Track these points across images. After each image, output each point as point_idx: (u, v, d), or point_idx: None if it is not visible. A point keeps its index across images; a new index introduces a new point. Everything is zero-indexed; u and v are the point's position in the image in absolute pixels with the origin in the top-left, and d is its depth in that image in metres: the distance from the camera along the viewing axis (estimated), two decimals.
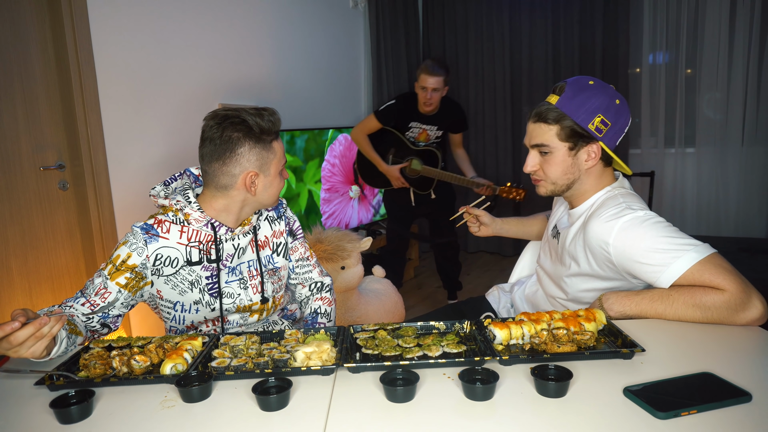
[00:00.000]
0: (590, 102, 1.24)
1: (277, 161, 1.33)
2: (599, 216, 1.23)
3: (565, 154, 1.28)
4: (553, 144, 1.27)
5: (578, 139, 1.26)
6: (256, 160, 1.29)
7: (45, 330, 0.98)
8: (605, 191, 1.32)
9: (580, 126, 1.24)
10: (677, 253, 1.13)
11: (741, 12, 3.63)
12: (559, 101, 1.25)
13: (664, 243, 1.14)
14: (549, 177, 1.31)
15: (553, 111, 1.25)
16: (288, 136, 3.40)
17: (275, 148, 1.32)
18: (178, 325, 1.39)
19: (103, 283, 1.27)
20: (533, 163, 1.32)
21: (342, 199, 3.89)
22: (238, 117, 1.26)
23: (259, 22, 3.32)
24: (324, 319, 1.56)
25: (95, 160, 2.39)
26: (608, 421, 0.82)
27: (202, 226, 1.32)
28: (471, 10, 4.46)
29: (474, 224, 1.68)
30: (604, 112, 1.24)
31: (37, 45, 2.27)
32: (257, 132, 1.27)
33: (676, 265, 1.12)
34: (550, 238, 1.49)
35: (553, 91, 1.28)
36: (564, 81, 1.29)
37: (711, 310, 1.11)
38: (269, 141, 1.30)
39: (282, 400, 0.90)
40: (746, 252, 2.96)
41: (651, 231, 1.16)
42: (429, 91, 2.95)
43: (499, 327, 1.11)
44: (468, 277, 4.16)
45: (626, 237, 1.17)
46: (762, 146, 3.74)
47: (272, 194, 1.36)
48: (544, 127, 1.27)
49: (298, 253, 1.55)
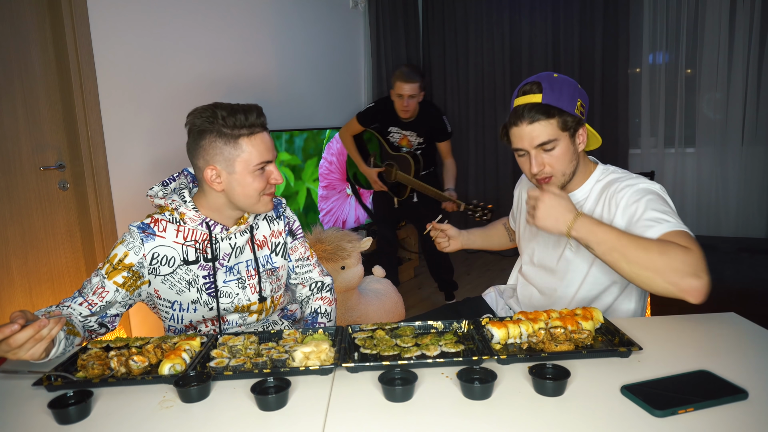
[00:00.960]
0: (565, 90, 1.29)
1: (243, 160, 1.25)
2: (621, 181, 1.32)
3: (568, 142, 1.31)
4: (557, 137, 1.29)
5: (572, 126, 1.31)
6: (217, 155, 1.25)
7: (44, 332, 0.98)
8: (602, 169, 1.41)
9: (570, 114, 1.29)
10: (669, 218, 1.20)
11: (741, 12, 3.63)
12: (544, 97, 1.27)
13: (662, 211, 1.23)
14: (559, 170, 1.32)
15: (546, 107, 1.27)
16: (287, 135, 3.42)
17: (243, 146, 1.24)
18: (176, 324, 1.39)
19: (101, 283, 1.27)
20: (540, 162, 1.31)
21: (339, 196, 3.90)
22: (210, 109, 1.24)
23: (259, 22, 3.32)
24: (324, 318, 1.56)
25: (95, 160, 2.40)
26: (606, 420, 0.83)
27: (197, 225, 1.32)
28: (471, 10, 4.46)
29: (443, 239, 1.67)
30: (580, 96, 1.32)
31: (37, 45, 2.27)
32: (220, 125, 1.23)
33: (663, 226, 1.18)
34: (541, 232, 1.47)
35: (527, 93, 1.31)
36: (532, 80, 1.32)
37: (670, 258, 1.08)
38: (236, 137, 1.24)
39: (280, 400, 0.91)
40: (746, 252, 2.95)
41: (658, 200, 1.26)
42: (405, 98, 2.99)
43: (496, 326, 1.11)
44: (468, 277, 4.16)
45: (641, 195, 1.27)
46: (762, 146, 3.74)
47: (245, 195, 1.29)
48: (545, 124, 1.28)
49: (298, 253, 1.54)
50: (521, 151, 1.34)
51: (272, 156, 1.30)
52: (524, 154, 1.33)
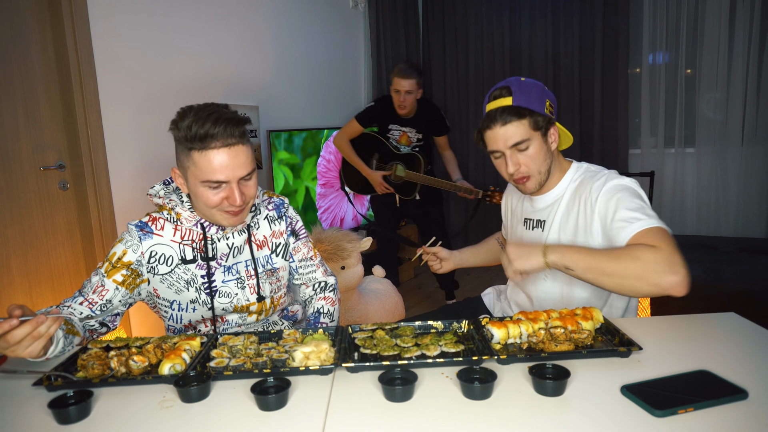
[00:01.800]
0: (534, 92, 1.35)
1: (192, 173, 1.19)
2: (594, 179, 1.36)
3: (541, 141, 1.36)
4: (530, 136, 1.35)
5: (543, 125, 1.36)
6: (179, 158, 1.23)
7: (42, 329, 0.98)
8: (576, 167, 1.45)
9: (540, 114, 1.34)
10: (640, 215, 1.24)
11: (741, 12, 3.63)
12: (514, 100, 1.33)
13: (633, 209, 1.26)
14: (534, 168, 1.38)
15: (517, 108, 1.33)
16: (286, 135, 3.44)
17: (194, 159, 1.17)
18: (175, 324, 1.39)
19: (100, 281, 1.27)
20: (515, 162, 1.37)
21: (337, 194, 3.90)
22: (185, 111, 1.19)
23: (259, 22, 3.32)
24: (326, 319, 1.54)
25: (95, 160, 2.40)
26: (606, 420, 0.83)
27: (192, 225, 1.32)
28: (471, 10, 4.46)
29: (434, 261, 1.68)
30: (548, 97, 1.38)
31: (37, 45, 2.27)
32: (184, 129, 1.16)
33: (635, 226, 1.21)
34: (523, 232, 1.52)
35: (497, 97, 1.36)
36: (501, 85, 1.37)
37: (643, 262, 1.11)
38: (188, 148, 1.17)
39: (280, 400, 0.91)
40: (746, 252, 2.95)
41: (629, 196, 1.29)
42: (402, 93, 3.03)
43: (496, 326, 1.11)
44: (468, 276, 4.16)
45: (612, 193, 1.30)
46: (762, 146, 3.74)
47: (201, 207, 1.25)
48: (517, 124, 1.33)
49: (301, 254, 1.53)
50: (497, 153, 1.39)
51: (227, 176, 1.18)
52: (500, 155, 1.39)
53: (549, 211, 1.45)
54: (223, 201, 1.22)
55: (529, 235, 1.49)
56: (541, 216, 1.47)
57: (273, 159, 3.38)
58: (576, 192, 1.39)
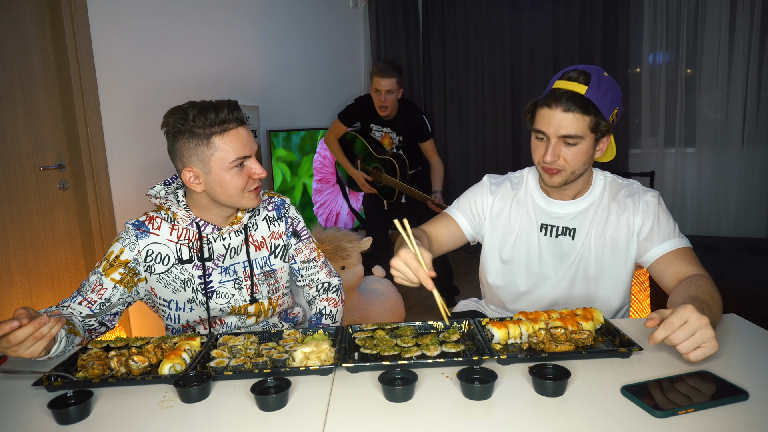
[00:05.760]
0: (610, 93, 1.24)
1: (218, 159, 1.23)
2: (630, 193, 1.37)
3: (591, 144, 1.27)
4: (584, 135, 1.24)
5: (602, 130, 1.26)
6: (192, 156, 1.24)
7: (44, 330, 0.98)
8: (601, 175, 1.41)
9: (604, 118, 1.24)
10: (675, 230, 1.33)
11: (741, 12, 3.63)
12: (588, 91, 1.21)
13: (670, 227, 1.34)
14: (572, 166, 1.28)
15: (586, 101, 1.21)
16: (284, 134, 3.46)
17: (216, 144, 1.22)
18: (174, 323, 1.39)
19: (99, 280, 1.27)
20: (556, 153, 1.25)
21: (333, 189, 3.92)
22: (181, 110, 1.23)
23: (259, 21, 3.32)
24: (329, 320, 1.51)
25: (95, 160, 2.40)
26: (606, 420, 0.82)
27: (188, 225, 1.32)
28: (471, 10, 4.46)
29: None
30: (619, 105, 1.27)
31: (37, 45, 2.27)
32: (192, 125, 1.21)
33: (669, 244, 1.30)
34: (541, 238, 1.40)
35: (573, 79, 1.23)
36: (581, 68, 1.24)
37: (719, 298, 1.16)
38: (208, 136, 1.22)
39: (281, 400, 0.91)
40: (746, 252, 2.95)
41: (664, 214, 1.35)
42: (383, 93, 2.97)
43: (497, 326, 1.11)
44: (468, 276, 4.16)
45: (648, 209, 1.34)
46: (762, 146, 3.74)
47: (226, 194, 1.27)
48: (578, 117, 1.22)
49: (303, 255, 1.51)
50: (541, 135, 1.27)
51: (250, 150, 1.27)
52: (543, 138, 1.27)
53: (581, 220, 1.37)
54: (249, 180, 1.28)
55: (550, 242, 1.39)
56: (569, 224, 1.37)
57: (272, 157, 3.40)
58: (611, 204, 1.36)
